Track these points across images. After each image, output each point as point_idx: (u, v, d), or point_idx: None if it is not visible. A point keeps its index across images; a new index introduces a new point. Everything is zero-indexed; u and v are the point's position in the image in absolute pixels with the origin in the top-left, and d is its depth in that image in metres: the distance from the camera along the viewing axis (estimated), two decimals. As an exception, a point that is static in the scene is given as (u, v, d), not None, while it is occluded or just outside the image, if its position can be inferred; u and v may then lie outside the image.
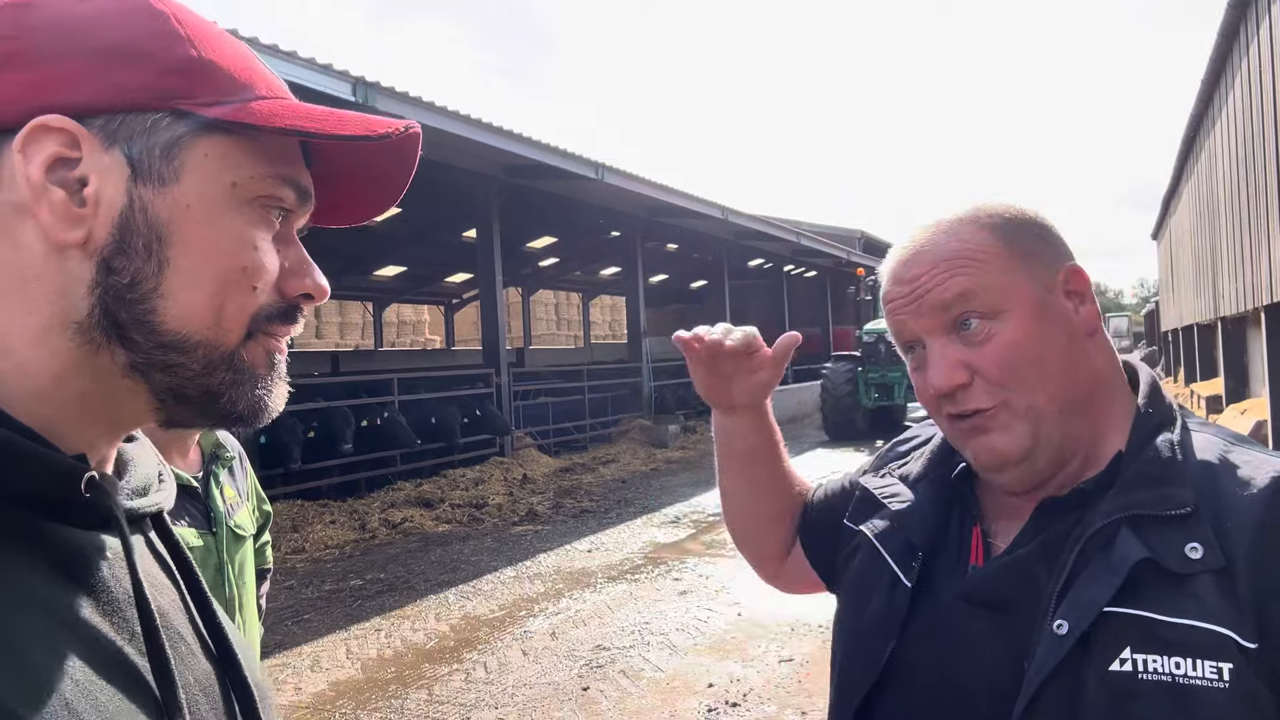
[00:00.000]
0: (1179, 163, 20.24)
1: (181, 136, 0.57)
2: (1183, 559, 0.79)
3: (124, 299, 0.56)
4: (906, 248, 0.97)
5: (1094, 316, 0.94)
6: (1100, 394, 0.93)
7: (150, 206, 0.56)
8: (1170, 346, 27.27)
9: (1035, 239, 0.94)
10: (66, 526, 0.55)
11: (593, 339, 36.37)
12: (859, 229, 31.40)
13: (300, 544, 8.54)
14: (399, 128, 0.62)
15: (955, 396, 0.92)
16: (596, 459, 13.73)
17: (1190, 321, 19.73)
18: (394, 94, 9.01)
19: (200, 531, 2.02)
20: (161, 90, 0.57)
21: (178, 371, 0.58)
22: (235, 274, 0.59)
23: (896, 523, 1.02)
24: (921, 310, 0.93)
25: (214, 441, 2.18)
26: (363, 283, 26.44)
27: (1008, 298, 0.90)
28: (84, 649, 0.51)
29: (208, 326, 0.58)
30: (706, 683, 4.87)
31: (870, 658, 0.95)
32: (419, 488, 10.90)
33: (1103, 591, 0.80)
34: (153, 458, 0.68)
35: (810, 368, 24.79)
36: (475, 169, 12.25)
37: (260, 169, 0.60)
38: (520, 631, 5.89)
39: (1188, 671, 0.75)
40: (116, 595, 0.55)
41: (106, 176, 0.56)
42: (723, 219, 17.26)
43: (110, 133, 0.56)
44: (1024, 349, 0.89)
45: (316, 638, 5.91)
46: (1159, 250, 29.88)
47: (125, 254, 0.56)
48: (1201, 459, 0.86)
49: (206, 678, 0.61)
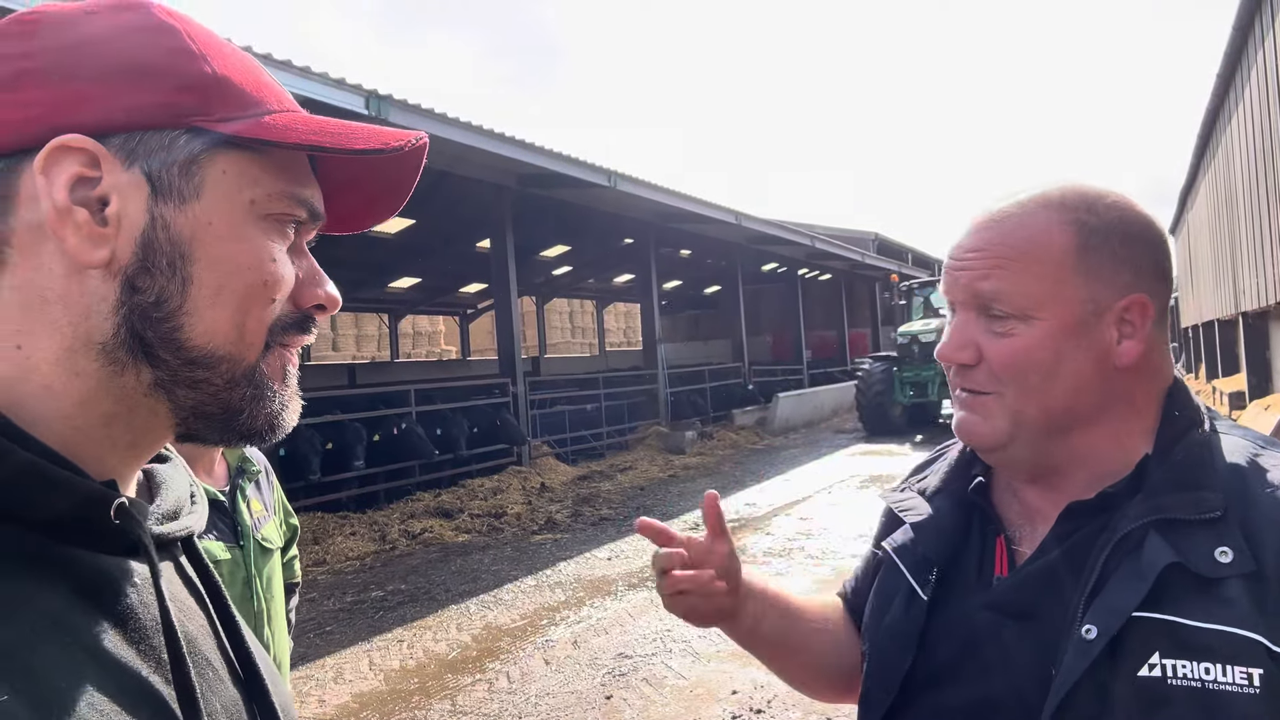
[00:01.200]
0: (1195, 157, 20.07)
1: (200, 153, 0.57)
2: (1212, 563, 0.78)
3: (150, 317, 0.56)
4: (988, 210, 0.95)
5: (1133, 354, 0.89)
6: (1111, 419, 0.91)
7: (172, 224, 0.56)
8: (1191, 343, 27.00)
9: (1113, 255, 0.89)
10: (95, 553, 0.54)
11: (608, 346, 36.40)
12: (873, 231, 31.28)
13: (321, 556, 8.57)
14: (409, 140, 0.62)
15: (960, 371, 0.94)
16: (614, 466, 13.72)
17: (1210, 317, 19.54)
18: (406, 106, 9.07)
19: (228, 545, 2.03)
20: (178, 107, 0.57)
21: (203, 387, 0.58)
22: (257, 288, 0.59)
23: (913, 536, 1.01)
24: (959, 284, 0.94)
25: (239, 455, 2.19)
26: (378, 294, 26.59)
27: (1042, 307, 0.89)
28: (108, 677, 0.50)
29: (232, 341, 0.58)
30: (730, 689, 4.85)
31: (889, 672, 0.95)
32: (438, 498, 10.92)
33: (1131, 597, 0.79)
34: (185, 479, 0.67)
35: (827, 371, 24.75)
36: (488, 179, 12.30)
37: (277, 185, 0.60)
38: (542, 640, 5.88)
39: (1217, 677, 0.74)
40: (144, 622, 0.55)
41: (128, 195, 0.55)
42: (736, 224, 17.25)
43: (129, 151, 0.56)
44: (1036, 359, 0.88)
45: (339, 649, 5.93)
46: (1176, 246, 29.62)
47: (149, 272, 0.56)
48: (1230, 461, 0.85)
49: (234, 704, 0.60)
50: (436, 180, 12.75)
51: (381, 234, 18.53)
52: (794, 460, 14.15)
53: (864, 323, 31.38)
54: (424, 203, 15.68)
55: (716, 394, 19.04)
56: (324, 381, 22.59)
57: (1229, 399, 13.69)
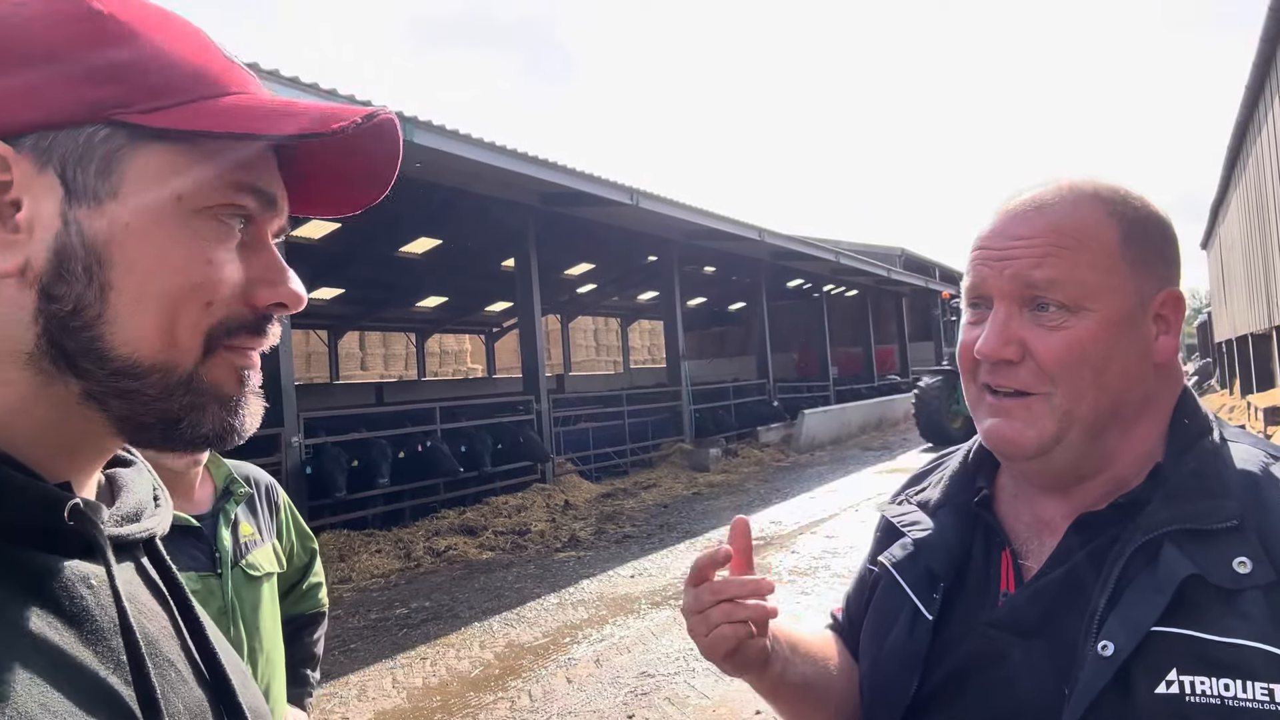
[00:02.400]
0: (1226, 170, 19.81)
1: (118, 150, 0.54)
2: (1231, 574, 0.76)
3: (68, 327, 0.53)
4: (1023, 197, 0.90)
5: (1170, 350, 0.88)
6: (1145, 420, 0.89)
7: (87, 228, 0.53)
8: (1224, 358, 26.55)
9: (1155, 250, 0.88)
10: (50, 555, 0.53)
11: (632, 364, 36.44)
12: (899, 246, 31.11)
13: (347, 573, 8.62)
14: (356, 118, 0.57)
15: (999, 369, 0.88)
16: (638, 484, 13.68)
17: (1244, 331, 19.21)
18: (431, 127, 9.16)
19: (202, 574, 1.89)
20: (95, 101, 0.53)
21: (134, 398, 0.55)
22: (184, 291, 0.55)
23: (915, 551, 0.98)
24: (1004, 274, 0.88)
25: (226, 475, 2.06)
26: (405, 314, 26.86)
27: (1097, 298, 0.85)
28: (63, 678, 0.49)
29: (159, 350, 0.55)
30: (754, 709, 4.80)
31: (893, 694, 0.92)
32: (462, 515, 10.95)
33: (1149, 611, 0.76)
34: (148, 481, 0.66)
35: (853, 388, 24.57)
36: (512, 198, 12.40)
37: (210, 175, 0.56)
38: (564, 659, 5.86)
39: (1237, 694, 0.72)
40: (101, 624, 0.53)
41: (40, 198, 0.53)
42: (759, 240, 17.23)
43: (42, 150, 0.53)
44: (1090, 353, 0.85)
45: (363, 667, 5.94)
46: (1209, 260, 29.19)
47: (65, 280, 0.53)
48: (1243, 469, 0.83)
49: (198, 705, 0.59)
50: (462, 200, 12.87)
51: (408, 254, 18.74)
52: (820, 478, 14.05)
53: (890, 339, 31.13)
54: (449, 222, 15.84)
55: (741, 411, 18.97)
56: (352, 400, 22.79)
57: (1264, 414, 13.43)
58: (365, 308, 24.92)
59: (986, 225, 0.92)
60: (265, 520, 2.15)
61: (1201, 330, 40.78)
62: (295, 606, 2.31)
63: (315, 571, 2.37)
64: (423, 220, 15.70)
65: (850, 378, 27.27)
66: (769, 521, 10.40)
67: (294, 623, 2.27)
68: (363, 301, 23.96)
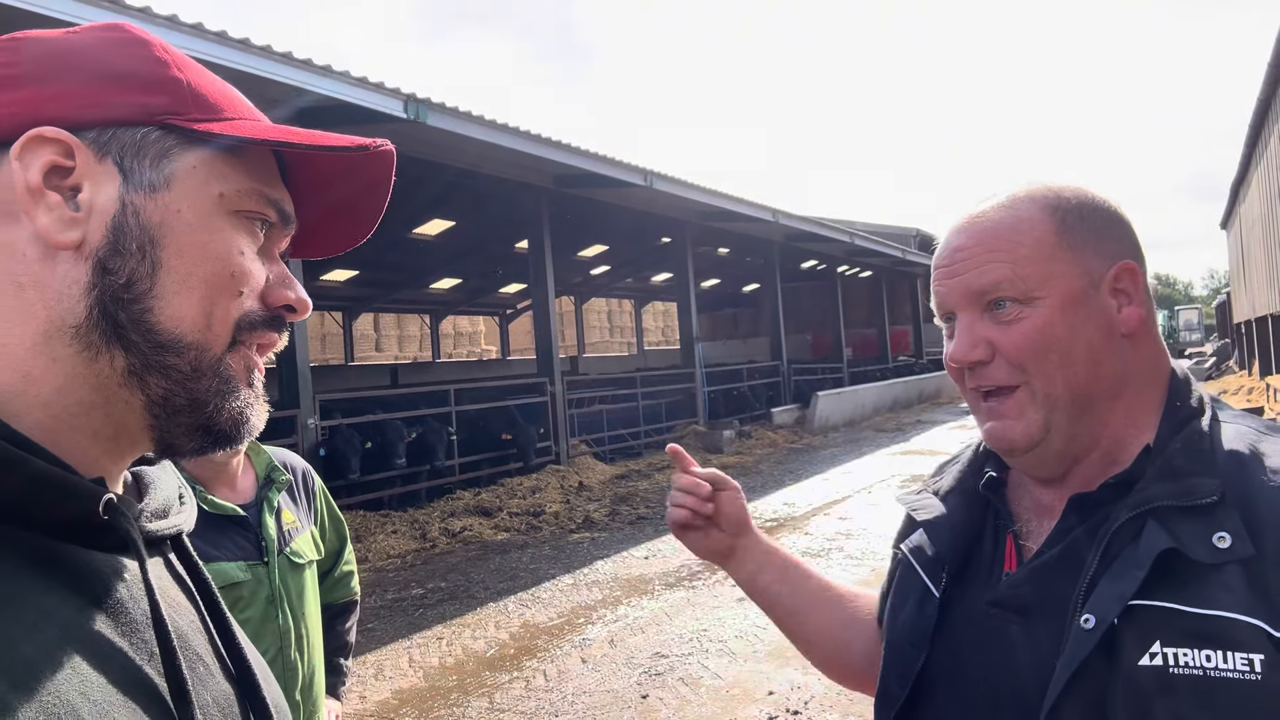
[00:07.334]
0: (1247, 148, 19.55)
1: (170, 148, 0.60)
2: (1210, 549, 0.78)
3: (121, 299, 0.58)
4: (961, 217, 0.98)
5: (1135, 319, 0.92)
6: (1128, 393, 0.93)
7: (143, 210, 0.59)
8: (1244, 339, 26.30)
9: (1093, 230, 0.93)
10: (85, 549, 0.56)
11: (646, 345, 36.45)
12: (914, 227, 30.90)
13: (364, 554, 8.69)
14: (374, 141, 0.65)
15: (976, 371, 0.94)
16: (652, 465, 13.72)
17: (1264, 312, 19.01)
18: (445, 109, 9.12)
19: (250, 563, 1.91)
20: (150, 107, 0.60)
21: (171, 374, 0.59)
22: (224, 278, 0.61)
23: (926, 535, 1.04)
24: (956, 286, 0.95)
25: (267, 463, 2.08)
26: (419, 295, 26.92)
27: (1044, 285, 0.91)
28: (101, 669, 0.51)
29: (199, 329, 0.60)
30: (767, 690, 4.83)
31: (902, 669, 0.97)
32: (477, 496, 11.02)
33: (1128, 585, 0.79)
34: (173, 480, 0.69)
35: (866, 369, 24.50)
36: (526, 180, 12.39)
37: (246, 183, 0.63)
38: (579, 639, 5.91)
39: (1218, 664, 0.74)
40: (134, 616, 0.56)
41: (100, 183, 0.58)
42: (774, 221, 17.16)
43: (102, 144, 0.59)
44: (1049, 337, 0.90)
45: (380, 646, 6.02)
46: (1229, 239, 28.86)
47: (120, 254, 0.58)
48: (1230, 449, 0.85)
49: (225, 699, 0.61)
50: (476, 182, 12.86)
51: (422, 236, 18.75)
52: (833, 460, 14.05)
53: (905, 320, 31.01)
54: (462, 204, 15.83)
55: (755, 393, 18.97)
56: (367, 382, 22.91)
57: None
58: (380, 289, 24.98)
59: (939, 246, 1.00)
60: (304, 507, 2.16)
61: (1220, 311, 40.36)
62: (328, 595, 2.29)
63: (347, 559, 2.37)
64: (436, 202, 15.70)
65: (865, 359, 27.20)
66: (782, 503, 10.42)
67: (327, 611, 2.26)
68: (377, 283, 24.02)
